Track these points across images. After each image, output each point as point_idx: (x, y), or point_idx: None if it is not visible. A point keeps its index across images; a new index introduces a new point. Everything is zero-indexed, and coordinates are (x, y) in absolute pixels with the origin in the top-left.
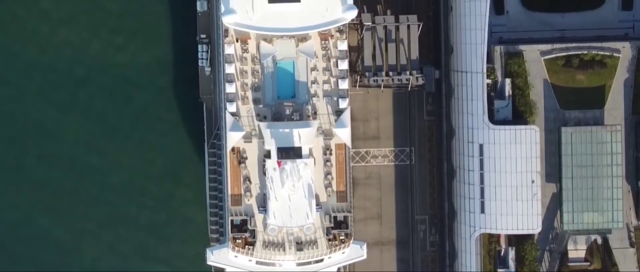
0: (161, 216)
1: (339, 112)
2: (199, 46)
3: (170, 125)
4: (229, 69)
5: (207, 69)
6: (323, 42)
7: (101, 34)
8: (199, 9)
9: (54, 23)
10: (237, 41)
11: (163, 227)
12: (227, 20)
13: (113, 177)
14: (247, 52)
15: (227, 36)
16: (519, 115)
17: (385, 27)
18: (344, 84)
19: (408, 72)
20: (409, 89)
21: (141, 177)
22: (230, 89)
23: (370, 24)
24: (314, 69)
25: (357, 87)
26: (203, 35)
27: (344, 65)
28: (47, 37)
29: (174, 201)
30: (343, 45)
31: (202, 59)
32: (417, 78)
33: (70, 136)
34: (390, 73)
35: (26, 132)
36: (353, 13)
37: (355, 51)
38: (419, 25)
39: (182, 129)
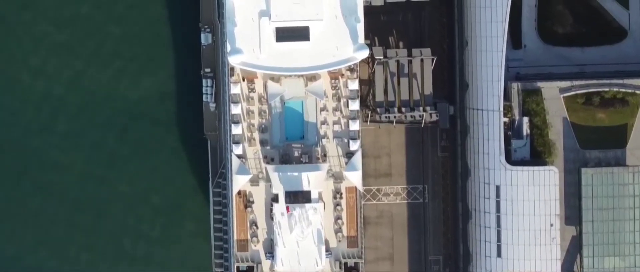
0: (160, 253)
1: (349, 154)
2: (204, 80)
3: (171, 160)
4: (235, 109)
5: (212, 105)
6: (333, 81)
7: (102, 62)
8: (203, 42)
9: (53, 48)
10: (243, 80)
11: (162, 265)
12: (233, 61)
13: (112, 209)
14: (254, 92)
15: (233, 75)
16: (538, 156)
17: (397, 61)
18: (355, 125)
19: (421, 108)
20: (423, 125)
21: (140, 211)
22: (236, 130)
23: (381, 57)
24: (323, 109)
25: (368, 123)
26: (207, 70)
27: (355, 105)
28: (45, 62)
29: (175, 239)
30: (354, 85)
31: (207, 93)
32: (430, 114)
33: (68, 166)
34: (403, 109)
35: (22, 162)
36: (364, 53)
37: (366, 84)
38: (432, 60)
39: (185, 164)
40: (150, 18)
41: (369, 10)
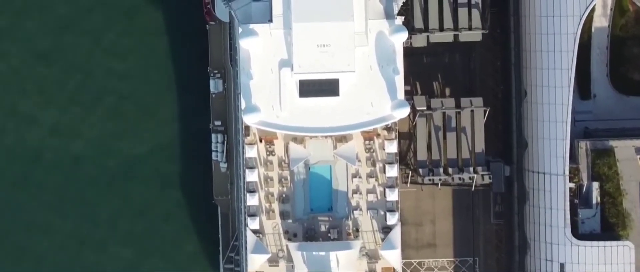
0: None
1: (386, 230)
2: (213, 135)
3: (177, 227)
4: (251, 176)
5: (223, 165)
6: (367, 142)
7: (92, 111)
8: (212, 89)
9: (48, 105)
10: (260, 141)
11: None
12: (249, 120)
13: None
14: (274, 155)
15: (248, 135)
16: (609, 229)
17: (443, 112)
18: (394, 195)
19: (472, 169)
20: (473, 188)
21: None
22: (252, 201)
23: (424, 109)
24: (355, 175)
25: (408, 185)
26: (218, 122)
27: (393, 171)
28: (38, 115)
29: None
30: (392, 147)
31: (217, 151)
32: (482, 176)
33: (66, 229)
34: (450, 170)
35: (5, 223)
36: (404, 111)
37: (405, 138)
38: (485, 111)
39: (191, 232)
40: (151, 59)
41: (409, 52)
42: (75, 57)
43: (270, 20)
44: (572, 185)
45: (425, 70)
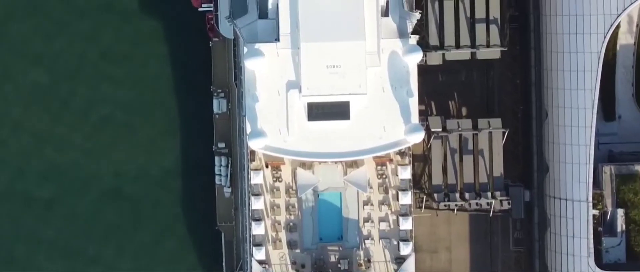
0: None
1: (400, 260)
2: (216, 158)
3: (177, 255)
4: (257, 203)
5: (227, 190)
6: (379, 168)
7: (87, 130)
8: (216, 109)
9: (42, 128)
10: (267, 167)
11: None
12: (254, 145)
13: None
14: (280, 181)
15: (254, 160)
16: (635, 258)
17: (460, 134)
18: (407, 224)
19: (490, 194)
20: (491, 214)
21: None
22: (258, 230)
23: (440, 130)
24: (367, 203)
25: (422, 209)
26: (221, 145)
27: (406, 198)
28: (31, 144)
29: None
30: (406, 173)
31: (220, 175)
32: (501, 202)
33: (63, 261)
34: (467, 194)
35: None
36: (419, 136)
37: (419, 161)
38: (504, 133)
39: (193, 260)
40: (150, 78)
41: (424, 70)
42: (73, 69)
43: (277, 39)
44: (596, 212)
45: (441, 88)
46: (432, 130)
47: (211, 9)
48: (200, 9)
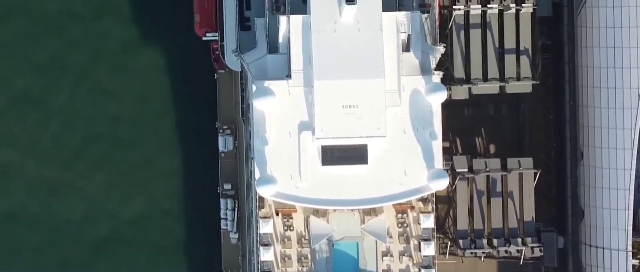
0: None
1: None
2: (222, 201)
3: None
4: (266, 255)
5: (234, 236)
6: (399, 216)
7: (81, 168)
8: (221, 148)
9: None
10: (277, 214)
11: None
12: (264, 192)
13: None
14: (292, 230)
15: (263, 207)
16: None
17: (487, 175)
18: None
19: (520, 240)
20: (521, 262)
21: None
22: None
23: (465, 171)
24: (386, 254)
25: (447, 256)
26: (227, 186)
27: (429, 249)
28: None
29: None
30: (429, 222)
31: (226, 219)
32: (532, 248)
33: None
34: (495, 241)
35: None
36: (443, 183)
37: (443, 203)
38: (535, 174)
39: None
40: (151, 113)
41: (449, 104)
42: (69, 105)
43: (289, 76)
44: (636, 262)
45: (467, 124)
46: (457, 170)
47: (216, 38)
48: (204, 38)
